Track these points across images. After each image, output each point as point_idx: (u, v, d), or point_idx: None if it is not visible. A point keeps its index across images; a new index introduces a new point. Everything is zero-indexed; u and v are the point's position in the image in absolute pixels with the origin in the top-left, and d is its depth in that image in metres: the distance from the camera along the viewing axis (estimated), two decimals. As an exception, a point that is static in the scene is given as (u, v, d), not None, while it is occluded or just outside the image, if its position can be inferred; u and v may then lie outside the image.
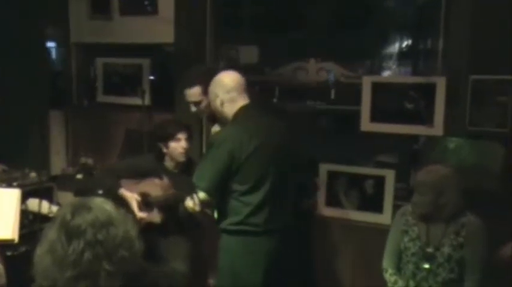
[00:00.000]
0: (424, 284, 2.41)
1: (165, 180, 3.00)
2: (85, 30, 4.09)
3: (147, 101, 3.87)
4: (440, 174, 2.38)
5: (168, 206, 2.94)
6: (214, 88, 2.49)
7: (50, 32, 4.16)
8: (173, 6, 3.73)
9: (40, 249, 1.25)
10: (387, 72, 3.38)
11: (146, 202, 2.99)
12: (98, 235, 1.21)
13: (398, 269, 2.52)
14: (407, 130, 3.15)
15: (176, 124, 3.13)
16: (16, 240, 2.65)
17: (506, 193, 2.87)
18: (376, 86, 3.20)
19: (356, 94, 3.23)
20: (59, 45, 4.26)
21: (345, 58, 3.38)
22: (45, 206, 3.03)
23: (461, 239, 2.36)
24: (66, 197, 3.76)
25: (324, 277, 3.29)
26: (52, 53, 4.30)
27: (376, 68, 3.36)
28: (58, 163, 4.20)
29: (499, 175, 2.91)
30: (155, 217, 3.00)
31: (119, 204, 3.06)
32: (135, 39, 3.89)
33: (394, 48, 3.39)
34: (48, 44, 4.18)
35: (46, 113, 4.10)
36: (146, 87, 3.90)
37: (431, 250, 2.40)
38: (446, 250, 2.37)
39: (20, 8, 3.80)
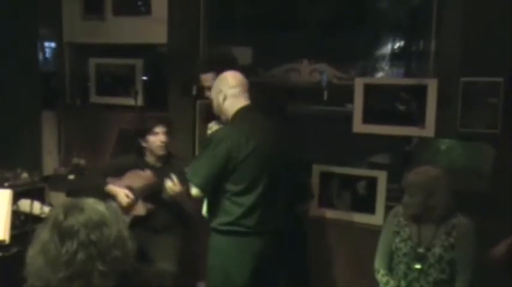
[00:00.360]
0: (416, 284, 2.43)
1: (147, 171, 3.05)
2: (78, 30, 4.08)
3: (140, 102, 3.87)
4: (429, 175, 2.40)
5: (152, 195, 3.02)
6: (218, 84, 2.54)
7: (43, 32, 4.14)
8: (166, 6, 3.73)
9: (32, 250, 1.25)
10: (379, 73, 3.40)
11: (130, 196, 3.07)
12: (91, 236, 1.21)
13: (390, 269, 2.54)
14: (399, 131, 3.17)
15: (154, 118, 3.22)
16: (7, 241, 2.65)
17: (496, 194, 2.89)
18: (368, 88, 3.22)
19: (349, 95, 3.25)
20: (52, 45, 4.24)
21: (338, 60, 3.39)
22: (36, 206, 3.01)
23: (452, 240, 2.38)
24: (58, 197, 3.74)
25: (317, 278, 3.29)
26: (45, 53, 4.28)
27: (368, 70, 3.38)
28: (50, 163, 4.18)
29: (490, 176, 2.94)
30: (140, 210, 3.07)
31: (109, 199, 3.13)
32: (128, 39, 3.88)
33: (387, 49, 3.40)
34: (41, 44, 4.16)
35: (38, 113, 4.08)
36: (139, 87, 3.90)
37: (422, 251, 2.41)
38: (437, 251, 2.39)
39: (13, 8, 3.78)
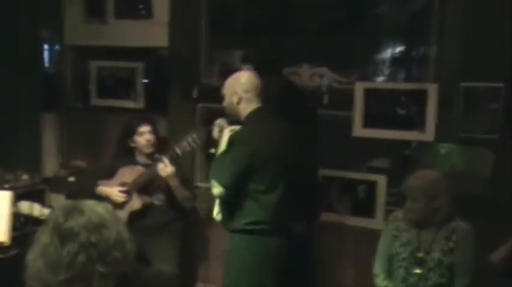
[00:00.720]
0: (415, 289, 2.43)
1: (138, 167, 3.21)
2: (80, 33, 4.08)
3: (141, 105, 3.88)
4: (428, 179, 2.40)
5: (146, 186, 3.13)
6: (233, 85, 2.57)
7: (45, 35, 4.15)
8: (168, 10, 3.74)
9: (32, 253, 1.25)
10: (380, 78, 3.40)
11: (124, 191, 3.17)
12: (92, 238, 1.22)
13: (389, 274, 2.54)
14: (399, 136, 3.17)
15: (137, 119, 3.35)
16: (7, 243, 2.65)
17: (496, 199, 2.90)
18: (368, 92, 3.22)
19: (349, 99, 3.25)
20: (54, 47, 4.25)
21: (338, 64, 3.40)
22: (36, 208, 3.02)
23: (451, 244, 2.38)
24: (58, 199, 3.75)
25: (316, 281, 3.29)
26: (46, 56, 4.28)
27: (369, 74, 3.38)
28: (51, 166, 4.19)
29: (489, 181, 2.94)
30: (135, 204, 3.13)
31: (103, 200, 3.19)
32: (130, 42, 3.89)
33: (387, 54, 3.40)
34: (42, 47, 4.17)
35: (39, 115, 4.09)
36: (140, 90, 3.91)
37: (421, 255, 2.41)
38: (436, 255, 2.39)
39: (15, 10, 3.79)
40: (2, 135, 3.79)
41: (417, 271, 2.42)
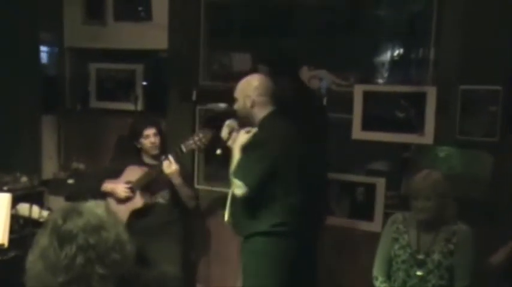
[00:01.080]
0: (414, 291, 2.43)
1: (144, 167, 3.25)
2: (79, 35, 4.09)
3: (140, 107, 3.88)
4: (437, 177, 2.42)
5: (150, 185, 3.18)
6: (246, 88, 2.56)
7: (44, 37, 4.15)
8: (167, 12, 3.74)
9: (32, 255, 1.25)
10: (379, 80, 3.41)
11: (129, 188, 3.21)
12: (90, 239, 1.22)
13: (388, 276, 2.54)
14: (398, 139, 3.18)
15: (142, 122, 3.39)
16: (6, 245, 2.64)
17: (494, 202, 2.90)
18: (367, 95, 3.23)
19: (348, 102, 3.26)
20: (53, 49, 4.26)
21: (337, 66, 3.40)
22: (35, 210, 3.02)
23: (451, 246, 2.38)
24: (57, 201, 3.75)
25: (317, 283, 3.29)
26: (45, 58, 4.29)
27: (367, 77, 3.38)
28: (50, 168, 4.18)
29: (488, 184, 2.94)
30: (137, 203, 3.17)
31: (108, 197, 3.22)
32: (129, 45, 3.90)
33: (386, 57, 3.41)
34: (41, 49, 4.17)
35: (38, 118, 4.09)
36: (139, 92, 3.92)
37: (422, 257, 2.42)
38: (436, 257, 2.39)
39: (14, 12, 3.79)
40: (2, 137, 3.79)
41: (419, 273, 2.42)
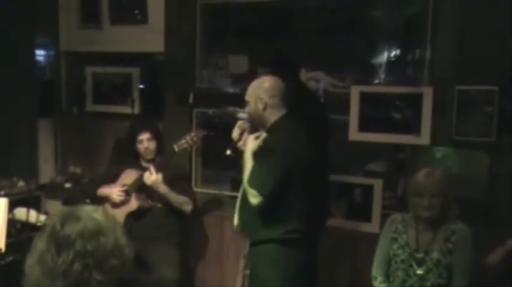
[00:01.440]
0: (414, 290, 2.44)
1: (140, 170, 3.27)
2: (75, 38, 4.08)
3: (137, 110, 3.87)
4: (439, 175, 2.44)
5: (147, 189, 3.19)
6: (258, 91, 2.50)
7: (40, 40, 4.14)
8: (163, 15, 3.74)
9: (30, 260, 1.25)
10: (375, 82, 3.41)
11: (124, 191, 3.26)
12: (87, 245, 1.21)
13: (387, 276, 2.54)
14: (394, 139, 3.18)
15: (137, 126, 3.42)
16: (3, 249, 2.63)
17: (491, 202, 2.91)
18: (364, 96, 3.23)
19: (345, 103, 3.26)
20: (49, 53, 4.25)
21: (334, 68, 3.41)
22: (33, 215, 3.01)
23: (450, 245, 2.40)
24: (54, 206, 3.74)
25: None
26: (42, 62, 4.28)
27: (364, 78, 3.39)
28: (47, 172, 4.17)
29: (485, 184, 2.95)
30: (132, 206, 3.19)
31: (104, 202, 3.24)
32: (125, 48, 3.89)
33: (382, 58, 3.42)
34: (38, 52, 4.17)
35: (35, 122, 4.08)
36: (136, 96, 3.91)
37: (421, 255, 2.43)
38: (435, 255, 2.40)
39: (10, 16, 3.79)
40: (-2, 141, 3.78)
41: (419, 272, 2.42)
